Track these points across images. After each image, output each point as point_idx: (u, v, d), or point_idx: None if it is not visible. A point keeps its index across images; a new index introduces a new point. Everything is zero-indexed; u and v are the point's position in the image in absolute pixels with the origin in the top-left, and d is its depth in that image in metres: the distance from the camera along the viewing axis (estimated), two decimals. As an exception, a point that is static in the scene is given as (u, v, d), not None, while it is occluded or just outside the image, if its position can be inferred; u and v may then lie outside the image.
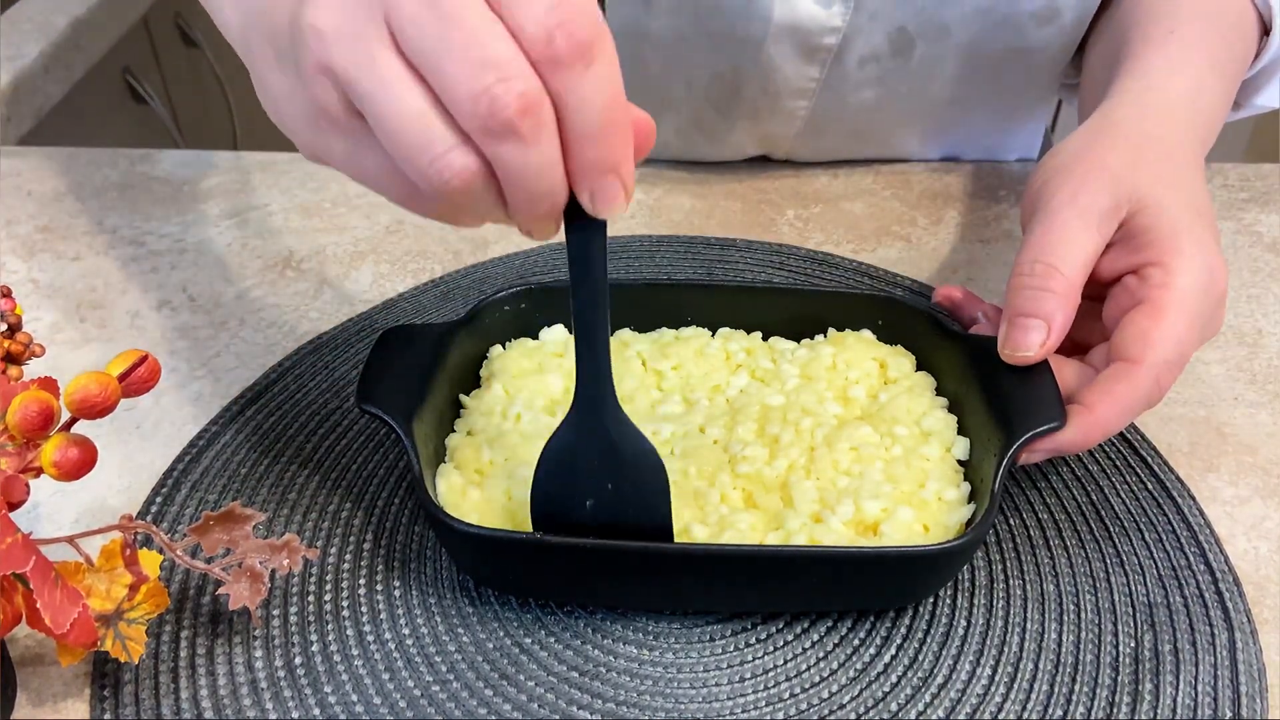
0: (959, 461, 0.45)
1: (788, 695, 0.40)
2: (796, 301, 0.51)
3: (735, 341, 0.50)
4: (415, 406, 0.43)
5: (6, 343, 0.43)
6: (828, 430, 0.45)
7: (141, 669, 0.41)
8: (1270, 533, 0.46)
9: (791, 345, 0.50)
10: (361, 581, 0.44)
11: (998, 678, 0.41)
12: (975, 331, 0.50)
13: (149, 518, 0.47)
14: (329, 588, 0.44)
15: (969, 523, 0.42)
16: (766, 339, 0.51)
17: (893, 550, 0.40)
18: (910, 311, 0.50)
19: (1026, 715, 0.39)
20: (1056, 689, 0.40)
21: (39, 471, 0.37)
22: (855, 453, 0.44)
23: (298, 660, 0.41)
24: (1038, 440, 0.42)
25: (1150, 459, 0.49)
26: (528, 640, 0.42)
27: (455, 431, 0.46)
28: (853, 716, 0.39)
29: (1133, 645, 0.42)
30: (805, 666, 0.41)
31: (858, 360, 0.48)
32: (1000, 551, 0.45)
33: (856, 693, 0.40)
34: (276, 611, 0.43)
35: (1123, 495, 0.47)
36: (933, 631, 0.42)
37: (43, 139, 0.94)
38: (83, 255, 0.63)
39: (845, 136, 0.69)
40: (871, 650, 0.42)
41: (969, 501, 0.43)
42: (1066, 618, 0.43)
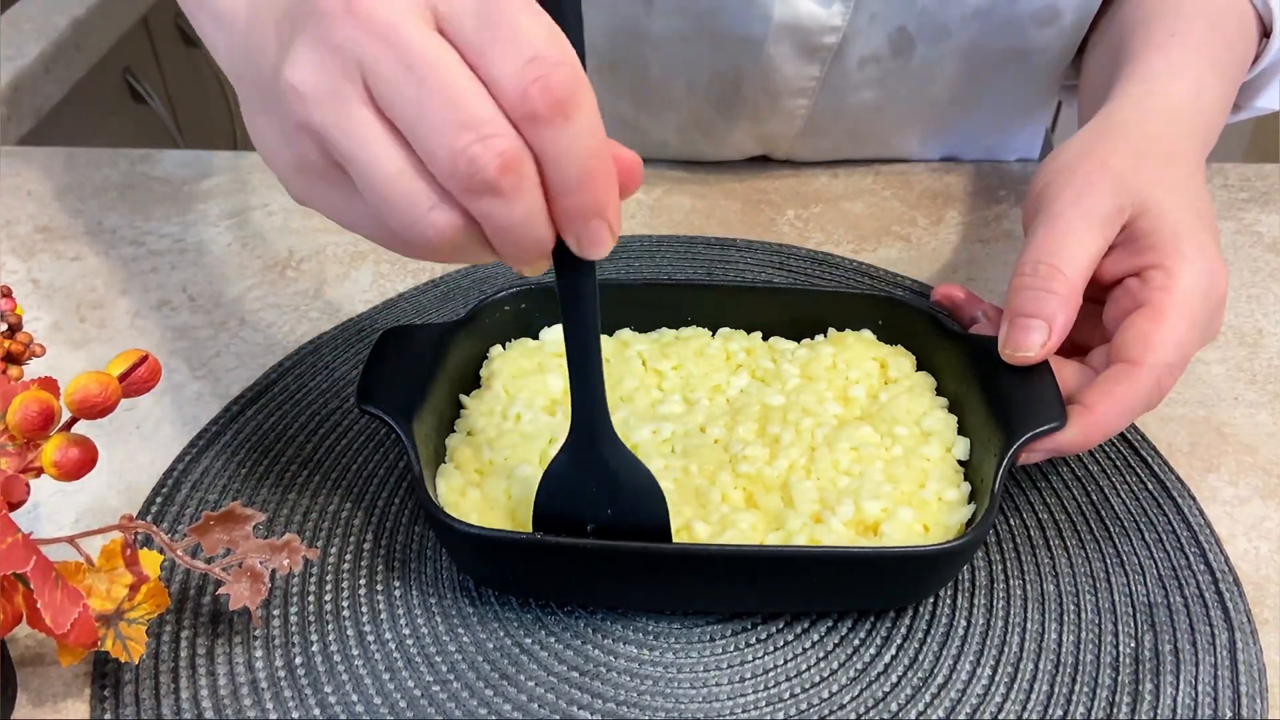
0: (959, 461, 0.45)
1: (788, 695, 0.40)
2: (796, 301, 0.51)
3: (735, 341, 0.50)
4: (415, 406, 0.43)
5: (6, 343, 0.43)
6: (828, 430, 0.45)
7: (141, 669, 0.41)
8: (1270, 533, 0.46)
9: (791, 345, 0.50)
10: (361, 581, 0.44)
11: (998, 678, 0.41)
12: (975, 331, 0.50)
13: (149, 518, 0.47)
14: (329, 588, 0.44)
15: (969, 523, 0.42)
16: (766, 339, 0.51)
17: (893, 550, 0.40)
18: (910, 311, 0.50)
19: (1026, 715, 0.39)
20: (1056, 689, 0.40)
21: (39, 471, 0.37)
22: (855, 453, 0.44)
23: (298, 660, 0.41)
24: (1038, 440, 0.42)
25: (1150, 459, 0.49)
26: (528, 640, 0.42)
27: (455, 431, 0.46)
28: (853, 716, 0.39)
29: (1133, 645, 0.42)
30: (805, 666, 0.41)
31: (858, 360, 0.48)
32: (1000, 551, 0.45)
33: (857, 693, 0.40)
34: (276, 611, 0.43)
35: (1123, 495, 0.47)
36: (933, 631, 0.42)
37: (43, 139, 0.94)
38: (83, 255, 0.63)
39: (845, 136, 0.69)
40: (871, 650, 0.42)
41: (969, 502, 0.43)
42: (1066, 618, 0.43)
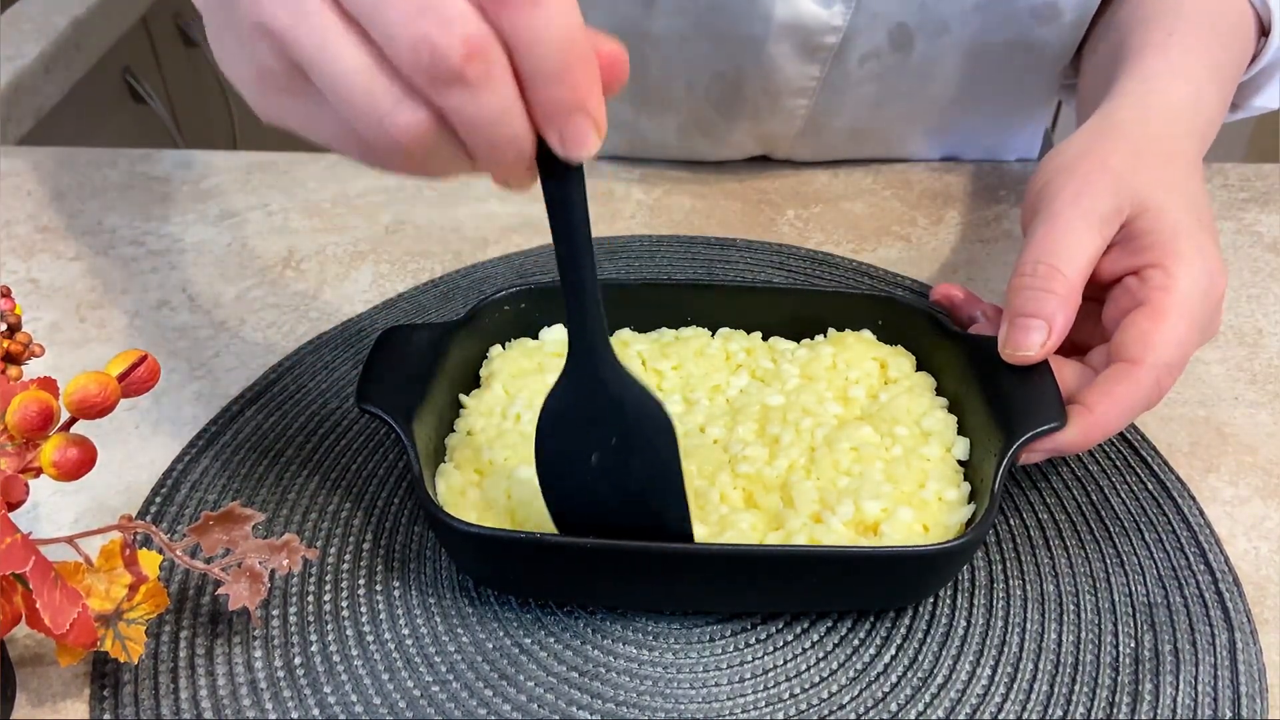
0: (959, 462, 0.45)
1: (788, 695, 0.40)
2: (796, 301, 0.51)
3: (735, 341, 0.50)
4: (415, 406, 0.43)
5: (6, 343, 0.43)
6: (828, 430, 0.45)
7: (141, 669, 0.41)
8: (1270, 533, 0.46)
9: (791, 345, 0.50)
10: (361, 581, 0.44)
11: (998, 678, 0.41)
12: (974, 331, 0.50)
13: (149, 518, 0.47)
14: (329, 588, 0.44)
15: (969, 523, 0.42)
16: (766, 339, 0.51)
17: (893, 550, 0.40)
18: (910, 311, 0.50)
19: (1026, 715, 0.39)
20: (1056, 689, 0.40)
21: (39, 471, 0.37)
22: (855, 453, 0.44)
23: (297, 660, 0.41)
24: (1038, 440, 0.42)
25: (1150, 459, 0.49)
26: (528, 640, 0.42)
27: (455, 431, 0.46)
28: (853, 717, 0.39)
29: (1133, 645, 0.42)
30: (805, 666, 0.41)
31: (858, 360, 0.48)
32: (1000, 551, 0.45)
33: (856, 693, 0.40)
34: (276, 611, 0.43)
35: (1123, 495, 0.47)
36: (933, 631, 0.42)
37: (43, 139, 0.94)
38: (83, 255, 0.63)
39: (846, 136, 0.69)
40: (871, 650, 0.42)
41: (969, 502, 0.43)
42: (1066, 618, 0.43)
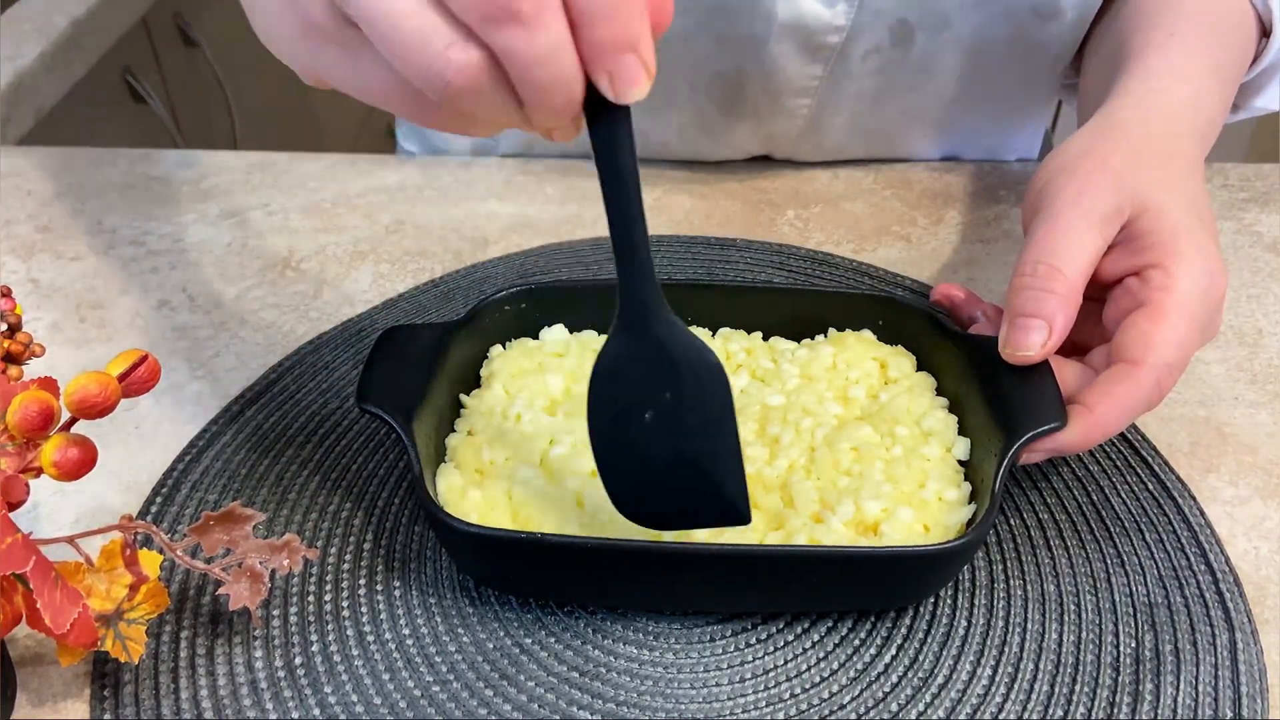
0: (959, 462, 0.45)
1: (788, 695, 0.40)
2: (796, 301, 0.51)
3: (735, 341, 0.50)
4: (415, 406, 0.43)
5: (6, 343, 0.43)
6: (828, 430, 0.45)
7: (141, 669, 0.41)
8: (1270, 533, 0.46)
9: (791, 345, 0.50)
10: (361, 581, 0.44)
11: (998, 678, 0.41)
12: (974, 331, 0.50)
13: (149, 518, 0.47)
14: (329, 588, 0.44)
15: (969, 523, 0.42)
16: (766, 339, 0.51)
17: (893, 550, 0.40)
18: (910, 311, 0.50)
19: (1026, 715, 0.39)
20: (1056, 689, 0.40)
21: (39, 471, 0.37)
22: (855, 453, 0.44)
23: (298, 660, 0.41)
24: (1038, 440, 0.42)
25: (1150, 459, 0.49)
26: (528, 640, 0.42)
27: (455, 431, 0.46)
28: (853, 717, 0.39)
29: (1133, 645, 0.42)
30: (805, 667, 0.41)
31: (858, 360, 0.48)
32: (1000, 551, 0.45)
33: (857, 693, 0.40)
34: (276, 611, 0.43)
35: (1123, 495, 0.47)
36: (933, 631, 0.42)
37: (43, 139, 0.94)
38: (83, 255, 0.63)
39: (846, 135, 0.69)
40: (872, 650, 0.42)
41: (969, 502, 0.43)
42: (1067, 618, 0.42)
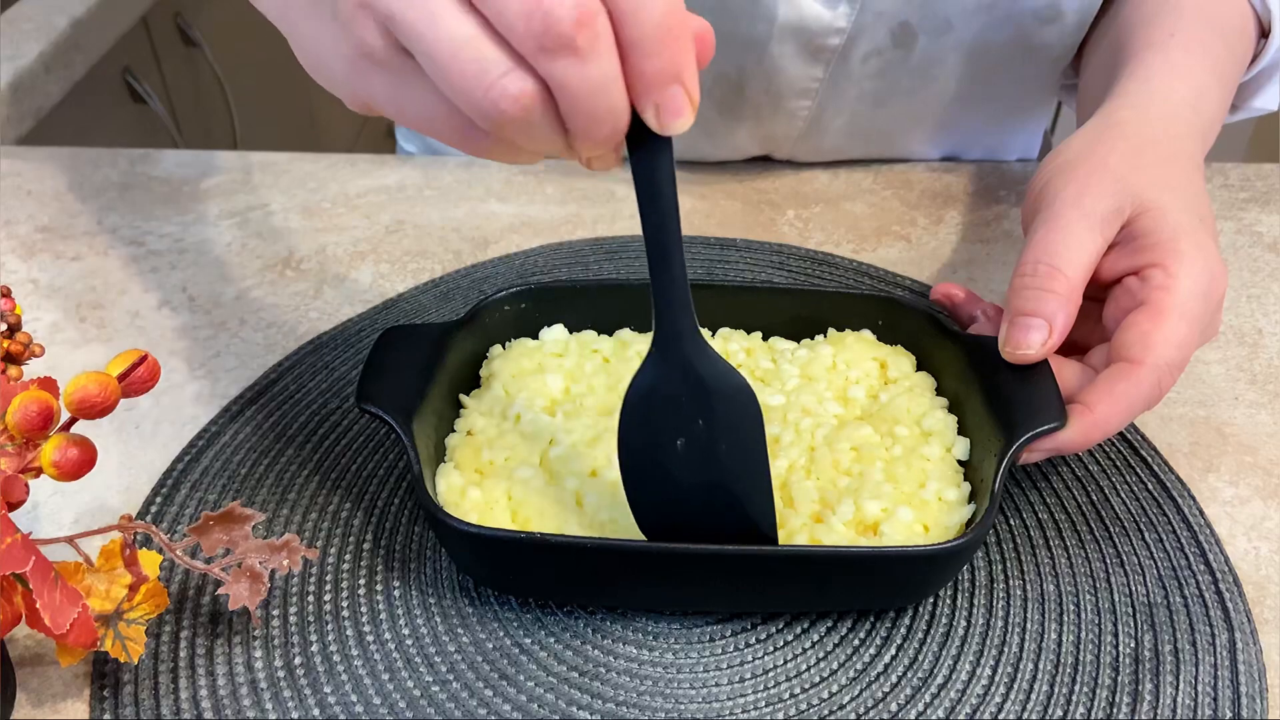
0: (959, 461, 0.45)
1: (788, 695, 0.40)
2: (796, 301, 0.51)
3: (735, 341, 0.50)
4: (415, 406, 0.43)
5: (6, 343, 0.43)
6: (828, 430, 0.45)
7: (141, 669, 0.41)
8: (1270, 533, 0.46)
9: (791, 345, 0.50)
10: (361, 581, 0.44)
11: (998, 678, 0.41)
12: (974, 330, 0.50)
13: (149, 518, 0.47)
14: (329, 588, 0.44)
15: (969, 523, 0.42)
16: (766, 339, 0.51)
17: (893, 550, 0.40)
18: (910, 311, 0.50)
19: (1026, 715, 0.39)
20: (1056, 689, 0.40)
21: (39, 471, 0.37)
22: (855, 453, 0.44)
23: (298, 660, 0.41)
24: (1038, 440, 0.42)
25: (1150, 459, 0.49)
26: (528, 640, 0.42)
27: (455, 431, 0.46)
28: (853, 716, 0.39)
29: (1133, 645, 0.42)
30: (805, 666, 0.41)
31: (858, 360, 0.48)
32: (1000, 551, 0.45)
33: (856, 693, 0.40)
34: (276, 611, 0.43)
35: (1123, 495, 0.47)
36: (933, 631, 0.42)
37: (43, 139, 0.94)
38: (83, 255, 0.63)
39: (846, 136, 0.69)
40: (871, 650, 0.42)
41: (969, 501, 0.43)
42: (1066, 618, 0.43)
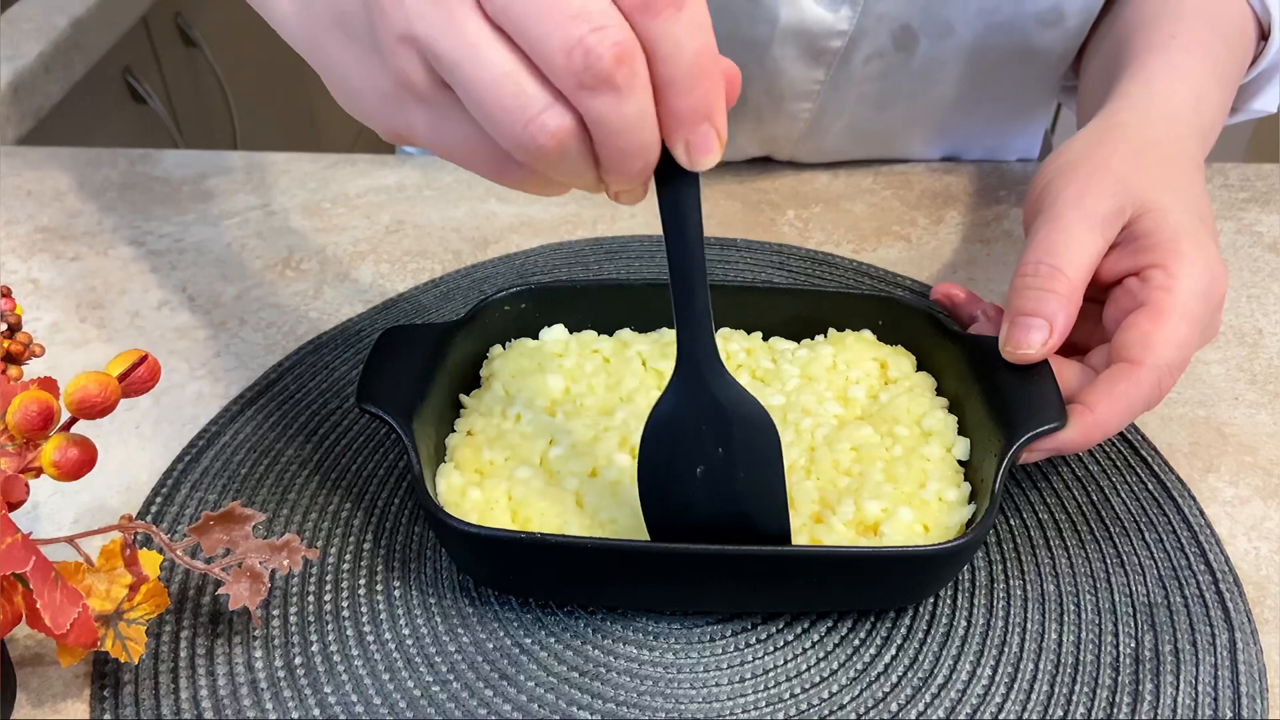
0: (959, 462, 0.45)
1: (788, 695, 0.40)
2: (796, 301, 0.51)
3: (735, 341, 0.50)
4: (415, 406, 0.43)
5: (6, 343, 0.43)
6: (828, 430, 0.45)
7: (141, 669, 0.41)
8: (1270, 533, 0.46)
9: (791, 345, 0.50)
10: (361, 581, 0.44)
11: (998, 678, 0.41)
12: (974, 330, 0.50)
13: (149, 518, 0.47)
14: (329, 588, 0.44)
15: (969, 523, 0.42)
16: (766, 339, 0.51)
17: (893, 550, 0.40)
18: (910, 311, 0.50)
19: (1026, 715, 0.39)
20: (1056, 689, 0.40)
21: (39, 471, 0.37)
22: (856, 453, 0.44)
23: (298, 660, 0.41)
24: (1038, 440, 0.42)
25: (1150, 459, 0.49)
26: (528, 640, 0.42)
27: (455, 431, 0.46)
28: (853, 717, 0.39)
29: (1133, 645, 0.42)
30: (805, 666, 0.41)
31: (858, 360, 0.48)
32: (1000, 551, 0.45)
33: (857, 693, 0.40)
34: (276, 611, 0.43)
35: (1123, 495, 0.47)
36: (933, 631, 0.42)
37: (43, 139, 0.94)
38: (83, 255, 0.63)
39: (847, 137, 0.69)
40: (872, 650, 0.42)
41: (969, 502, 0.43)
42: (1067, 618, 0.43)
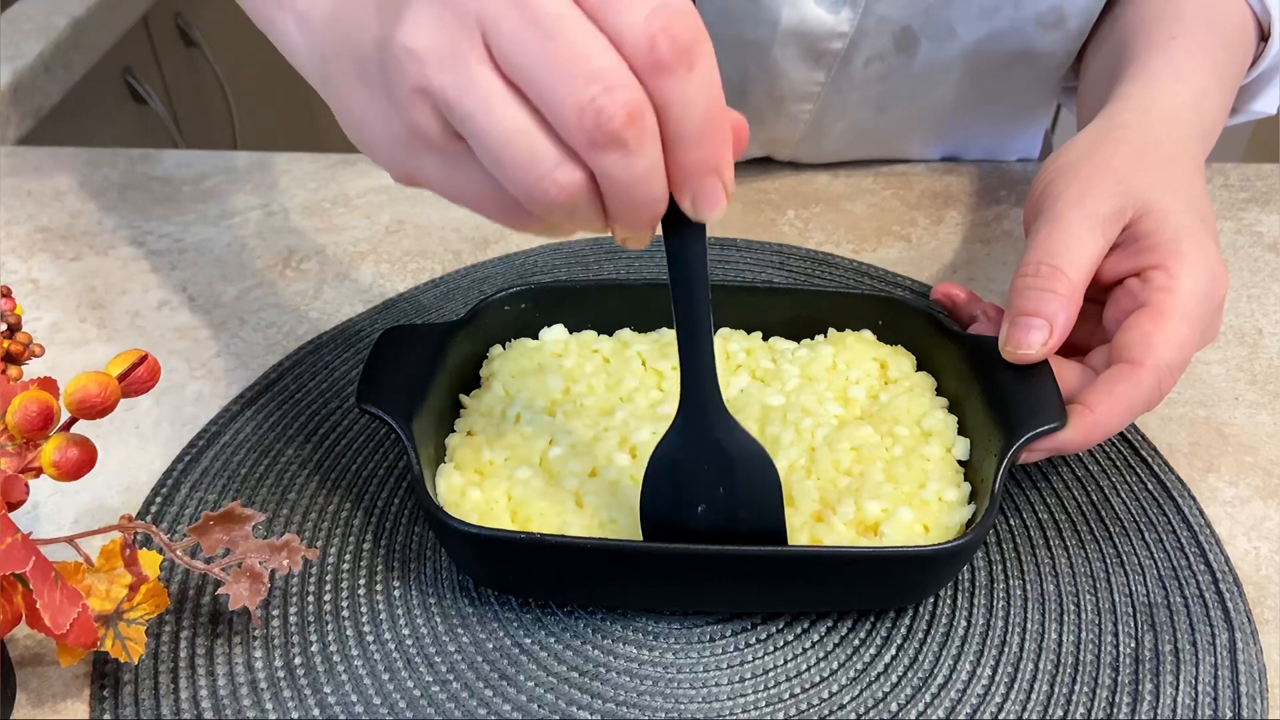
0: (959, 462, 0.45)
1: (788, 695, 0.40)
2: (796, 301, 0.51)
3: (735, 341, 0.50)
4: (415, 406, 0.43)
5: (6, 343, 0.43)
6: (828, 430, 0.45)
7: (141, 669, 0.41)
8: (1270, 533, 0.46)
9: (791, 345, 0.50)
10: (361, 581, 0.44)
11: (998, 678, 0.41)
12: (974, 330, 0.50)
13: (149, 518, 0.47)
14: (329, 588, 0.44)
15: (969, 523, 0.42)
16: (766, 339, 0.51)
17: (893, 550, 0.40)
18: (910, 311, 0.50)
19: (1026, 715, 0.39)
20: (1056, 689, 0.40)
21: (39, 471, 0.37)
22: (856, 453, 0.44)
23: (298, 660, 0.41)
24: (1038, 440, 0.42)
25: (1150, 459, 0.49)
26: (528, 640, 0.42)
27: (455, 431, 0.46)
28: (853, 717, 0.39)
29: (1133, 645, 0.42)
30: (805, 666, 0.41)
31: (858, 360, 0.48)
32: (1000, 551, 0.45)
33: (857, 693, 0.40)
34: (276, 611, 0.43)
35: (1123, 495, 0.47)
36: (933, 631, 0.42)
37: (43, 139, 0.94)
38: (83, 255, 0.63)
39: (848, 139, 0.69)
40: (872, 650, 0.42)
41: (969, 502, 0.43)
42: (1066, 618, 0.42)
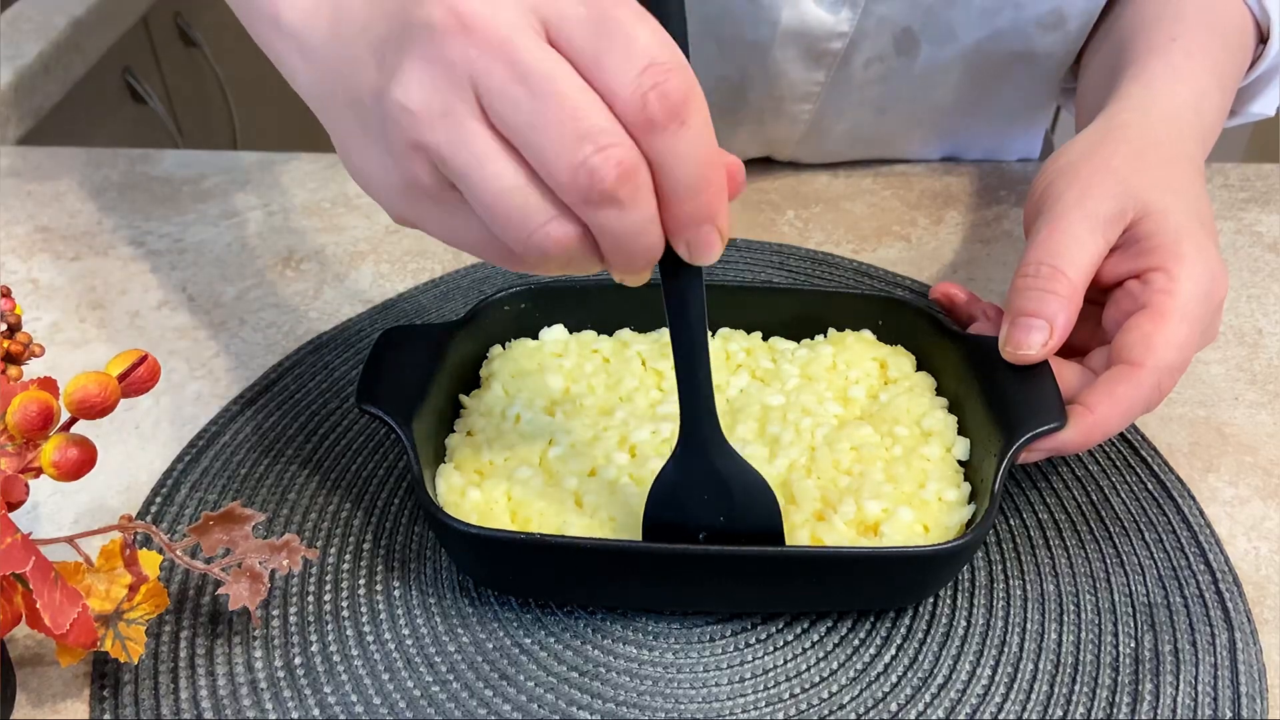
0: (959, 462, 0.45)
1: (788, 695, 0.40)
2: (796, 301, 0.51)
3: (735, 341, 0.50)
4: (415, 406, 0.43)
5: (6, 343, 0.43)
6: (828, 430, 0.45)
7: (141, 669, 0.41)
8: (1270, 533, 0.46)
9: (791, 345, 0.50)
10: (361, 581, 0.44)
11: (998, 678, 0.41)
12: (974, 329, 0.50)
13: (149, 518, 0.47)
14: (329, 588, 0.44)
15: (969, 523, 0.42)
16: (766, 339, 0.51)
17: (893, 550, 0.40)
18: (910, 311, 0.50)
19: (1026, 715, 0.39)
20: (1056, 689, 0.40)
21: (39, 471, 0.37)
22: (856, 453, 0.44)
23: (297, 660, 0.41)
24: (1038, 440, 0.42)
25: (1150, 459, 0.49)
26: (528, 640, 0.42)
27: (455, 431, 0.46)
28: (853, 717, 0.39)
29: (1133, 645, 0.42)
30: (805, 666, 0.41)
31: (858, 360, 0.48)
32: (1000, 551, 0.45)
33: (856, 693, 0.40)
34: (276, 612, 0.43)
35: (1123, 495, 0.47)
36: (933, 631, 0.42)
37: (43, 139, 0.94)
38: (83, 255, 0.63)
39: (847, 139, 0.69)
40: (871, 650, 0.42)
41: (969, 502, 0.43)
42: (1066, 618, 0.42)
